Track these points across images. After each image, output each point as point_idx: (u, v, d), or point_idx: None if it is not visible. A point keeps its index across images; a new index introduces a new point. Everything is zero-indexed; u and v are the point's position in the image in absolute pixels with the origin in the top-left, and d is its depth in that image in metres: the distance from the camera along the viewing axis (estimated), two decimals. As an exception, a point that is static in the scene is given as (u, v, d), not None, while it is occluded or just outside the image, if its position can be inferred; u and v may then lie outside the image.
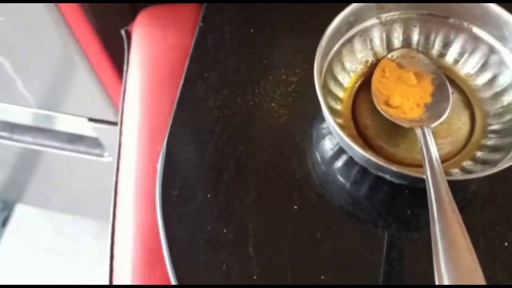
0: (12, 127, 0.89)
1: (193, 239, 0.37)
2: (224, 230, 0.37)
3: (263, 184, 0.39)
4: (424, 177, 0.33)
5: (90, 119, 0.78)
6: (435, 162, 0.33)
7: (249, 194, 0.38)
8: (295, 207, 0.38)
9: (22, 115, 0.82)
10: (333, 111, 0.39)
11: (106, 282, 0.45)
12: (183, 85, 0.43)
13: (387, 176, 0.35)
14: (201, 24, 0.45)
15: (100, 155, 0.89)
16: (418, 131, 0.36)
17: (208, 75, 0.43)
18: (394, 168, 0.33)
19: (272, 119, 0.41)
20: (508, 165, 0.33)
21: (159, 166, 0.40)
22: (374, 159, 0.33)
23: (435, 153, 0.34)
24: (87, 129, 0.81)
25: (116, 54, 0.65)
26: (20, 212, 1.29)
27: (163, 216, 0.38)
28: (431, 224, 0.30)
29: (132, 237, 0.45)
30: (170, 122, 0.41)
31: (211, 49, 0.44)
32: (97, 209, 1.14)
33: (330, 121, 0.35)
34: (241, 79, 0.43)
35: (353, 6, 0.39)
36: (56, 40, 0.60)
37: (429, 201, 0.31)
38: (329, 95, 0.40)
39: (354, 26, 0.40)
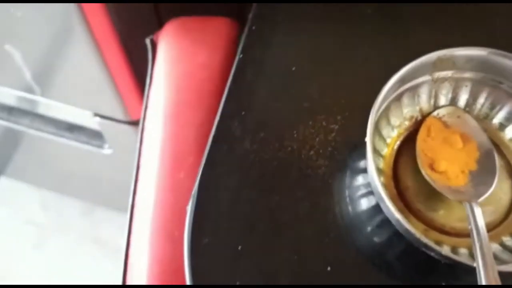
0: (11, 110, 0.86)
1: (221, 294, 0.36)
2: None
3: (297, 239, 0.37)
4: (475, 265, 0.31)
5: (96, 114, 0.75)
6: (486, 252, 0.32)
7: (283, 250, 0.37)
8: (329, 268, 0.36)
9: (24, 101, 0.79)
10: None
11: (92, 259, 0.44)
12: (219, 122, 0.40)
13: (432, 254, 0.34)
14: (241, 55, 0.43)
15: (100, 147, 0.86)
16: (467, 207, 0.35)
17: (246, 113, 0.41)
18: (443, 252, 0.32)
19: (310, 169, 0.40)
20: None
21: (189, 208, 0.38)
22: (424, 239, 0.32)
23: (485, 237, 0.33)
24: (91, 122, 0.78)
25: (134, 57, 0.62)
26: (4, 184, 1.25)
27: (191, 265, 0.36)
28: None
29: (147, 269, 0.44)
30: (204, 160, 0.39)
31: (250, 85, 0.42)
32: (87, 191, 1.12)
33: (381, 195, 0.34)
34: (279, 121, 0.41)
35: (409, 66, 0.37)
36: (75, 38, 0.57)
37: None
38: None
39: (406, 83, 0.39)
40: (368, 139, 0.35)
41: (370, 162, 0.34)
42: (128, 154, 0.56)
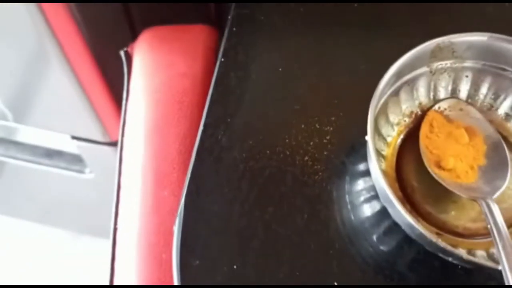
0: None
1: (217, 321, 0.32)
2: (254, 311, 0.32)
3: (297, 254, 0.34)
4: (500, 268, 0.28)
5: (74, 137, 0.71)
6: (510, 251, 0.28)
7: (282, 266, 0.33)
8: (335, 283, 0.33)
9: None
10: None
11: None
12: (203, 131, 0.37)
13: (450, 259, 0.30)
14: (223, 59, 0.40)
15: (81, 171, 0.82)
16: (483, 205, 0.32)
17: (232, 120, 0.38)
18: (464, 256, 0.28)
19: (306, 175, 0.36)
20: None
21: (176, 229, 0.34)
22: (441, 243, 0.29)
23: (507, 235, 0.30)
24: (70, 146, 0.74)
25: (110, 73, 0.58)
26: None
27: (182, 290, 0.33)
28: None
29: (135, 297, 0.40)
30: (189, 175, 0.36)
31: (234, 90, 0.39)
32: (71, 220, 1.08)
33: (389, 197, 0.30)
34: (269, 127, 0.38)
35: (406, 56, 0.34)
36: (46, 56, 0.53)
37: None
38: (372, 152, 0.35)
39: (403, 76, 0.36)
40: (369, 137, 0.31)
41: (373, 163, 0.31)
42: (111, 178, 0.52)
